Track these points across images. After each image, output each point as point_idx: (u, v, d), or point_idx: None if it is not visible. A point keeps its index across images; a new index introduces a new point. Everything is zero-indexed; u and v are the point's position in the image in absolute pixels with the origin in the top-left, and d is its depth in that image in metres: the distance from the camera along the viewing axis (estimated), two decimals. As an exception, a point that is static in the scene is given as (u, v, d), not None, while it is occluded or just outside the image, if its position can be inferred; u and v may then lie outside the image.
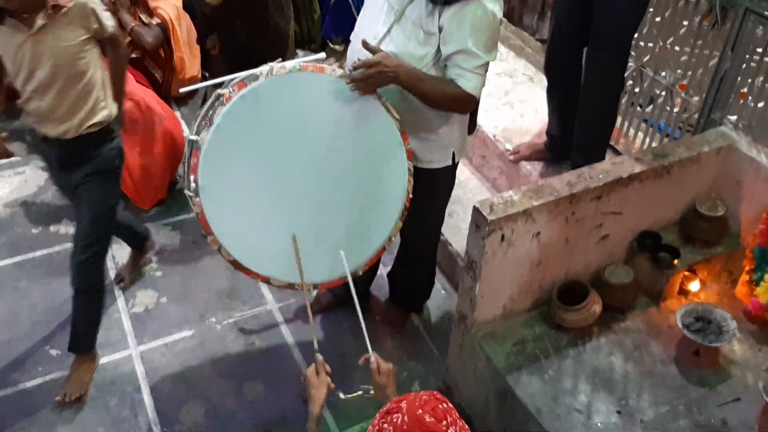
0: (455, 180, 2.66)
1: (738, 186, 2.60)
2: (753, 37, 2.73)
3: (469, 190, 3.61)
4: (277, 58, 3.41)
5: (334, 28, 4.57)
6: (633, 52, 3.16)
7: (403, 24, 2.21)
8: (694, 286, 2.61)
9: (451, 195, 2.72)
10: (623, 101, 3.34)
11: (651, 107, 3.41)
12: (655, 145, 3.23)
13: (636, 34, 2.98)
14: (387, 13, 2.26)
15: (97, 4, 2.47)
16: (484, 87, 2.24)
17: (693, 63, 3.11)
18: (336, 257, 2.33)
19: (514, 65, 4.13)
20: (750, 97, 2.90)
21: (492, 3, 2.12)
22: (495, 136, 3.54)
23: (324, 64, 2.20)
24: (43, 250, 3.42)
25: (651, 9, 3.13)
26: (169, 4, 3.91)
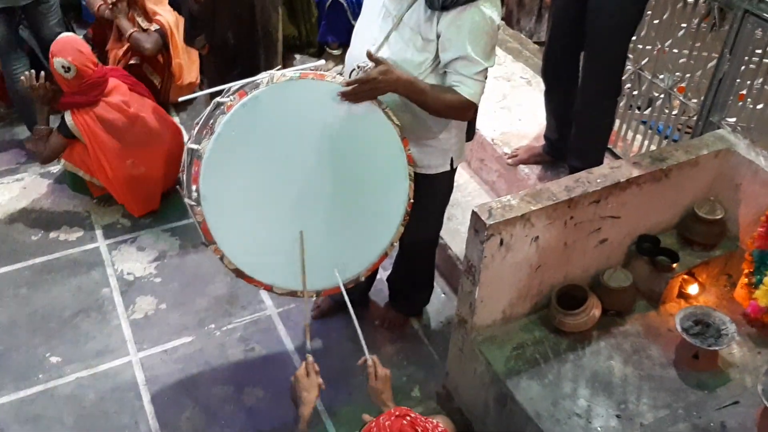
0: (454, 184, 2.67)
1: (736, 189, 2.60)
2: (752, 39, 2.74)
3: (468, 194, 3.61)
4: (267, 60, 3.46)
5: (330, 32, 4.57)
6: (631, 54, 3.17)
7: (401, 30, 2.21)
8: (693, 290, 2.61)
9: (450, 199, 2.72)
10: (621, 104, 3.35)
11: (649, 110, 3.42)
12: (653, 148, 3.24)
13: (634, 37, 2.98)
14: (385, 19, 2.26)
15: None
16: (483, 93, 2.24)
17: (691, 65, 3.11)
18: (338, 264, 2.34)
19: (511, 69, 4.13)
20: (749, 99, 2.91)
21: (490, 8, 2.12)
22: (493, 140, 3.54)
23: (324, 71, 2.21)
24: (43, 257, 3.42)
25: (649, 12, 3.14)
26: (168, 11, 3.92)
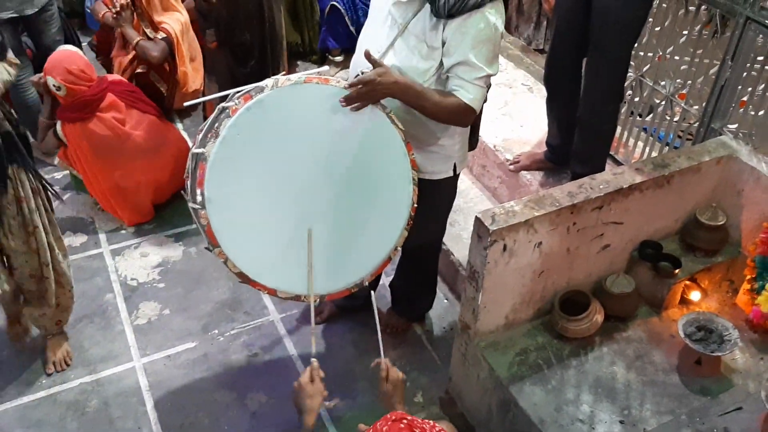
0: (456, 190, 2.68)
1: (738, 195, 2.61)
2: (753, 46, 2.75)
3: (470, 200, 3.62)
4: (274, 59, 3.48)
5: (331, 38, 4.59)
6: (632, 62, 3.18)
7: (407, 38, 2.23)
8: (696, 296, 2.61)
9: (453, 205, 2.73)
10: (623, 111, 3.36)
11: (651, 116, 3.43)
12: (655, 155, 3.24)
13: (635, 44, 3.00)
14: (390, 27, 2.27)
15: None
16: (485, 101, 2.25)
17: (693, 72, 3.12)
18: (341, 268, 2.34)
19: (513, 75, 4.15)
20: (750, 106, 2.92)
21: (494, 15, 2.14)
22: (495, 146, 3.55)
23: (329, 75, 2.22)
24: (46, 262, 3.42)
25: (651, 19, 3.15)
26: (174, 19, 3.94)
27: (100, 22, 4.14)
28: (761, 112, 2.90)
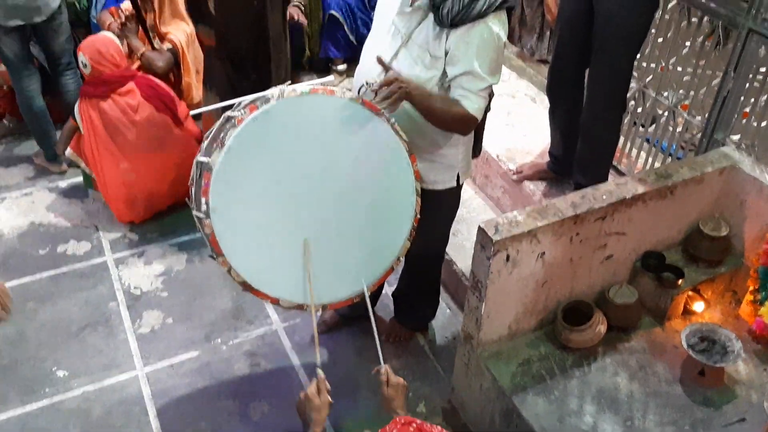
0: (460, 200, 2.68)
1: (741, 206, 2.61)
2: (756, 58, 2.76)
3: (473, 209, 3.63)
4: (277, 70, 3.48)
5: (331, 47, 4.61)
6: (635, 72, 3.19)
7: (410, 47, 2.24)
8: (699, 306, 2.61)
9: (456, 214, 2.74)
10: (625, 121, 3.37)
11: (653, 127, 3.44)
12: (657, 165, 3.26)
13: (638, 54, 3.01)
14: (394, 37, 2.29)
15: None
16: (489, 110, 2.27)
17: (695, 83, 3.13)
18: (344, 278, 2.35)
19: (516, 86, 4.17)
20: (753, 117, 2.93)
21: (498, 26, 2.16)
22: (498, 156, 3.56)
23: (334, 87, 2.23)
24: (50, 270, 3.44)
25: (653, 30, 3.17)
26: (180, 30, 3.96)
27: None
28: (764, 123, 2.91)
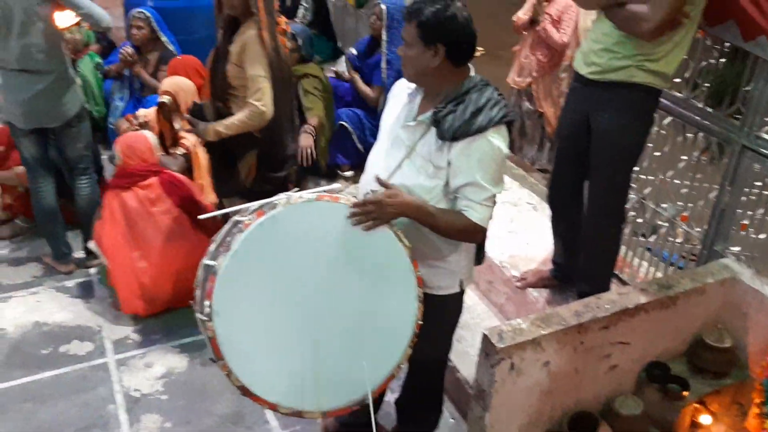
0: (463, 306, 2.70)
1: (744, 317, 2.62)
2: (750, 173, 2.84)
3: (477, 315, 3.63)
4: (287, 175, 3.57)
5: (339, 155, 4.76)
6: (634, 184, 3.27)
7: (413, 158, 2.32)
8: (706, 420, 2.57)
9: (459, 321, 2.74)
10: (626, 231, 3.42)
11: (654, 237, 3.49)
12: (659, 275, 3.28)
13: (636, 167, 3.10)
14: (398, 148, 2.36)
15: None
16: (491, 218, 2.32)
17: (693, 195, 3.21)
18: (345, 384, 2.33)
19: (518, 194, 4.26)
20: (751, 229, 2.98)
21: (498, 139, 2.23)
22: (501, 263, 3.60)
23: (339, 194, 2.30)
24: (52, 370, 3.41)
25: (650, 144, 3.27)
26: (192, 134, 4.11)
27: (121, 137, 4.32)
28: (762, 236, 2.96)
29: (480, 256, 2.62)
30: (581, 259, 3.15)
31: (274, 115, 3.31)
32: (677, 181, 3.32)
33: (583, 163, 2.98)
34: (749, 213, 2.95)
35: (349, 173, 4.84)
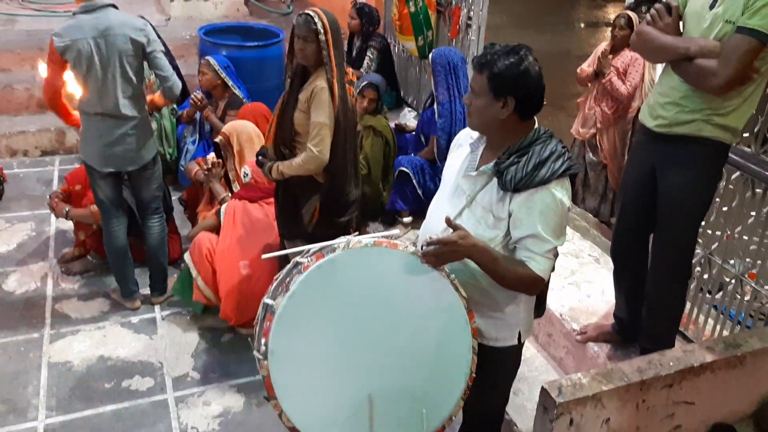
0: (521, 359, 2.66)
1: (817, 381, 2.52)
2: (821, 230, 2.75)
3: (535, 368, 3.57)
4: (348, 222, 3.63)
5: (399, 200, 4.81)
6: (701, 239, 3.20)
7: (474, 208, 2.32)
8: (776, 487, 2.46)
9: (517, 373, 2.71)
10: (692, 287, 3.34)
11: (720, 294, 3.39)
12: (726, 334, 3.18)
13: (703, 222, 3.04)
14: (458, 197, 2.37)
15: None
16: (553, 270, 2.30)
17: (762, 252, 3.12)
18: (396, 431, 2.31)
19: (579, 246, 4.21)
20: (823, 290, 2.87)
21: (560, 191, 2.22)
22: (561, 315, 3.55)
23: (397, 240, 2.32)
24: (113, 404, 3.50)
25: (717, 199, 3.21)
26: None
27: (191, 180, 4.49)
28: (836, 296, 2.85)
29: (541, 308, 2.60)
30: (644, 314, 3.08)
31: (339, 162, 3.39)
32: (745, 237, 3.23)
33: (648, 216, 2.94)
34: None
35: (407, 219, 4.87)
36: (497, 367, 2.52)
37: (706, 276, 3.41)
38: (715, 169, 2.86)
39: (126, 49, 3.61)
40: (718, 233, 3.32)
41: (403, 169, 4.67)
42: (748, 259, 3.21)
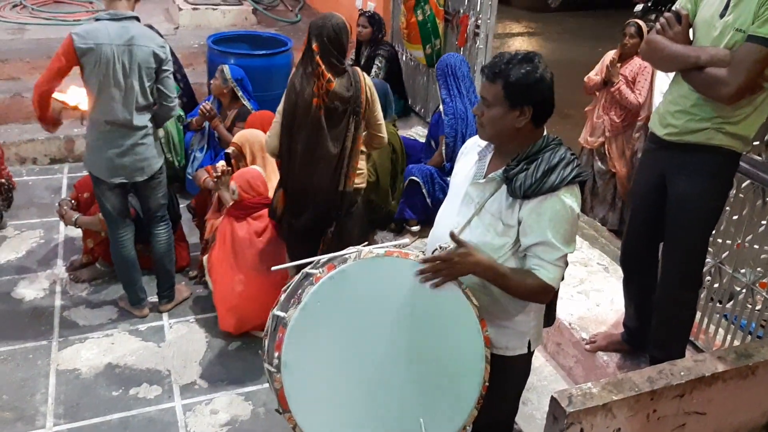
0: (530, 368, 2.65)
1: (830, 392, 2.50)
2: (834, 240, 2.73)
3: (544, 378, 3.55)
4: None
5: (408, 209, 4.81)
6: (711, 248, 3.18)
7: (483, 215, 2.31)
8: (789, 499, 2.43)
9: (526, 382, 2.69)
10: (702, 296, 3.32)
11: (731, 304, 3.37)
12: (737, 343, 3.16)
13: (713, 230, 3.02)
14: (467, 205, 2.37)
15: None
16: (562, 279, 2.29)
17: (773, 261, 3.10)
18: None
19: (588, 254, 4.20)
20: (835, 299, 2.85)
21: (570, 198, 2.21)
22: (570, 324, 3.53)
23: (408, 249, 2.31)
24: (121, 412, 3.49)
25: (728, 207, 3.19)
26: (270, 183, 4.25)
27: (200, 187, 4.50)
28: None
29: (551, 317, 2.58)
30: (654, 324, 3.06)
31: (290, 151, 3.54)
32: (756, 246, 3.21)
33: (657, 225, 2.93)
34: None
35: (415, 228, 4.87)
36: (507, 376, 2.50)
37: (716, 285, 3.39)
38: (725, 178, 2.85)
39: (148, 62, 3.66)
40: (729, 242, 3.31)
41: (413, 178, 4.67)
42: (759, 269, 3.19)
